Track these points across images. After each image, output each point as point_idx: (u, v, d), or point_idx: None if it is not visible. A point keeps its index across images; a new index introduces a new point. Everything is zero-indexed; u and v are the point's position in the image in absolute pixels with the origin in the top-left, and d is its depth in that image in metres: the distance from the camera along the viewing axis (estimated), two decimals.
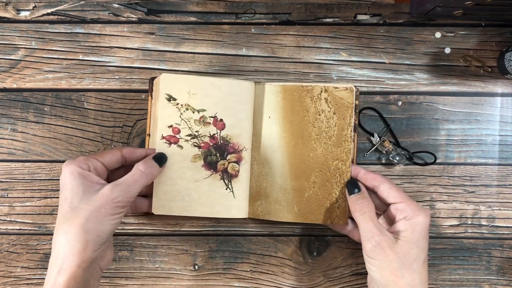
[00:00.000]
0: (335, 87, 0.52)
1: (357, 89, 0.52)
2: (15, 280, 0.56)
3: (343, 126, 0.52)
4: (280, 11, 0.57)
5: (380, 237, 0.46)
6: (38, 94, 0.57)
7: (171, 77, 0.52)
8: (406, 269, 0.46)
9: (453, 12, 0.54)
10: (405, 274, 0.46)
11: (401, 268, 0.46)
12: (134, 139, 0.57)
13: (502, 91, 0.57)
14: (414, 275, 0.46)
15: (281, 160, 0.53)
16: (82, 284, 0.43)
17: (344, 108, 0.52)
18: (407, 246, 0.46)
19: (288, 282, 0.57)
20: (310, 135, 0.53)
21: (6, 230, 0.57)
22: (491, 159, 0.57)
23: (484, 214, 0.56)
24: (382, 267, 0.46)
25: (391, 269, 0.46)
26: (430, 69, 0.57)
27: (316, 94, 0.52)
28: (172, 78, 0.52)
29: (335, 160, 0.52)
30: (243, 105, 0.53)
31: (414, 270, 0.46)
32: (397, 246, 0.46)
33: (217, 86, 0.52)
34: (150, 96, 0.54)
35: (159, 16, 0.57)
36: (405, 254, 0.46)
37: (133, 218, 0.57)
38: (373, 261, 0.47)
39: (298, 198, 0.53)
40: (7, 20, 0.57)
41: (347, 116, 0.52)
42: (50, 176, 0.57)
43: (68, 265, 0.43)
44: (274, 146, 0.54)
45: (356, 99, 0.52)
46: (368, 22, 0.57)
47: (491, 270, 0.56)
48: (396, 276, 0.46)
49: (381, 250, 0.46)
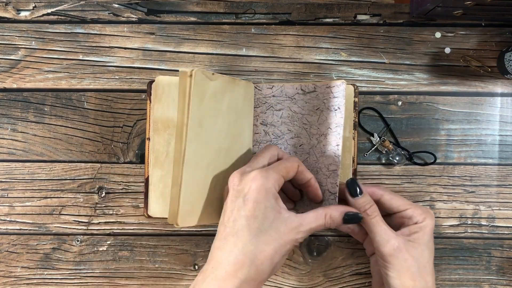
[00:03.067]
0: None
1: (356, 86, 0.52)
2: (15, 280, 0.56)
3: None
4: (280, 11, 0.57)
5: (398, 240, 0.45)
6: (38, 94, 0.57)
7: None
8: (422, 272, 0.45)
9: (453, 12, 0.54)
10: (422, 278, 0.45)
11: (418, 272, 0.45)
12: (134, 139, 0.57)
13: (502, 91, 0.57)
14: (428, 278, 0.45)
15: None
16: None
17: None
18: (420, 248, 0.46)
19: (288, 282, 0.57)
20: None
21: (6, 230, 0.57)
22: (491, 159, 0.57)
23: (484, 214, 0.56)
24: (401, 272, 0.45)
25: (410, 274, 0.45)
26: (430, 69, 0.57)
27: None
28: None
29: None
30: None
31: (428, 272, 0.46)
32: (412, 249, 0.45)
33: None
34: (149, 99, 0.54)
35: (159, 16, 0.57)
36: (419, 257, 0.45)
37: (133, 218, 0.57)
38: (391, 266, 0.45)
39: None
40: (7, 20, 0.57)
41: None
42: (50, 176, 0.57)
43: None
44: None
45: (355, 97, 0.52)
46: (368, 22, 0.57)
47: (491, 270, 0.56)
48: (414, 281, 0.45)
49: (400, 253, 0.45)
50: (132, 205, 0.57)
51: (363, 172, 0.56)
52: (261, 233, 0.41)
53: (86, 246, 0.57)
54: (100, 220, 0.57)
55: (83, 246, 0.57)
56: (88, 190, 0.57)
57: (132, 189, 0.57)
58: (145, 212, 0.55)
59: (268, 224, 0.42)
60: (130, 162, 0.57)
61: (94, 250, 0.57)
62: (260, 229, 0.41)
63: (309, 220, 0.44)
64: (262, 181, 0.42)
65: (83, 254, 0.56)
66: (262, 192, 0.42)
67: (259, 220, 0.42)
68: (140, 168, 0.57)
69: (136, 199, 0.57)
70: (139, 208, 0.56)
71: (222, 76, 0.49)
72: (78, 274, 0.56)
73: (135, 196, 0.57)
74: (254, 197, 0.42)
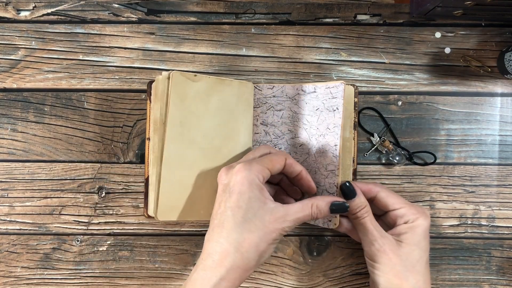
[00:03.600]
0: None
1: (356, 87, 0.52)
2: (15, 280, 0.56)
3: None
4: (280, 11, 0.57)
5: (382, 240, 0.46)
6: (38, 94, 0.57)
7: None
8: (410, 271, 0.46)
9: (453, 12, 0.54)
10: (409, 277, 0.46)
11: (405, 270, 0.46)
12: (134, 139, 0.57)
13: (502, 91, 0.57)
14: (418, 277, 0.46)
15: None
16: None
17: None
18: (408, 248, 0.46)
19: (288, 282, 0.57)
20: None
21: (6, 230, 0.57)
22: (491, 159, 0.57)
23: (484, 214, 0.56)
24: (385, 271, 0.46)
25: (395, 272, 0.46)
26: (430, 69, 0.57)
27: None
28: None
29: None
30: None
31: (417, 272, 0.46)
32: (399, 248, 0.46)
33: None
34: (149, 99, 0.54)
35: (159, 16, 0.57)
36: (408, 257, 0.46)
37: (133, 218, 0.57)
38: (376, 265, 0.47)
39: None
40: (7, 20, 0.57)
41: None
42: (50, 176, 0.57)
43: (232, 276, 0.43)
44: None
45: (355, 97, 0.52)
46: (368, 22, 0.57)
47: (491, 270, 0.56)
48: (400, 279, 0.45)
49: (384, 253, 0.46)
50: (132, 205, 0.57)
51: (363, 172, 0.56)
52: (246, 222, 0.43)
53: (86, 246, 0.57)
54: (100, 220, 0.57)
55: (83, 246, 0.57)
56: (88, 190, 0.57)
57: (132, 189, 0.57)
58: (145, 212, 0.55)
59: (253, 214, 0.43)
60: (130, 162, 0.57)
61: (94, 250, 0.57)
62: (245, 218, 0.43)
63: (295, 210, 0.45)
64: (245, 173, 0.44)
65: (83, 254, 0.56)
66: (245, 183, 0.43)
67: (243, 210, 0.43)
68: (140, 168, 0.57)
69: (136, 199, 0.57)
70: (139, 208, 0.56)
71: (208, 77, 0.51)
72: (78, 274, 0.56)
73: (135, 196, 0.57)
74: (238, 188, 0.44)
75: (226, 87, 0.52)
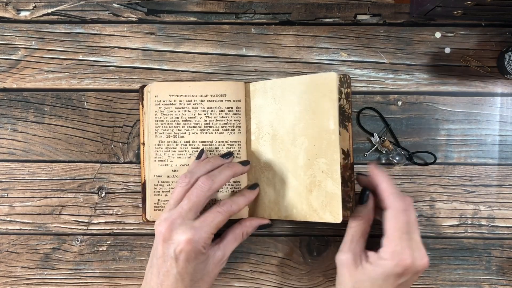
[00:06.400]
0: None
1: (348, 76, 0.52)
2: (15, 280, 0.56)
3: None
4: (280, 11, 0.57)
5: (344, 255, 0.47)
6: (38, 94, 0.57)
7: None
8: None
9: (453, 12, 0.54)
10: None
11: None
12: (134, 139, 0.57)
13: (502, 91, 0.57)
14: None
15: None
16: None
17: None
18: (363, 277, 0.45)
19: (288, 282, 0.57)
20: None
21: (6, 230, 0.57)
22: (491, 159, 0.57)
23: (484, 214, 0.56)
24: (337, 282, 0.48)
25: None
26: (430, 69, 0.57)
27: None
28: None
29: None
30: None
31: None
32: (355, 271, 0.46)
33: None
34: (141, 104, 0.54)
35: (159, 16, 0.57)
36: (357, 282, 0.45)
37: (133, 218, 0.57)
38: (336, 275, 0.48)
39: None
40: (7, 20, 0.57)
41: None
42: (50, 176, 0.57)
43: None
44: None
45: (347, 87, 0.52)
46: (368, 22, 0.57)
47: (491, 270, 0.56)
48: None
49: (341, 266, 0.47)
50: (132, 205, 0.57)
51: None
52: (196, 283, 0.47)
53: (86, 246, 0.57)
54: (100, 220, 0.57)
55: (83, 246, 0.57)
56: (88, 190, 0.57)
57: (132, 189, 0.57)
58: (144, 217, 0.55)
59: (200, 275, 0.47)
60: (130, 162, 0.57)
61: (94, 250, 0.57)
62: (194, 280, 0.46)
63: (230, 246, 0.50)
64: (191, 246, 0.45)
65: (83, 254, 0.57)
66: (192, 254, 0.45)
67: (190, 274, 0.46)
68: (140, 168, 0.57)
69: (136, 199, 0.57)
70: (139, 208, 0.56)
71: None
72: (78, 274, 0.56)
73: (135, 196, 0.57)
74: (184, 257, 0.45)
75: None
